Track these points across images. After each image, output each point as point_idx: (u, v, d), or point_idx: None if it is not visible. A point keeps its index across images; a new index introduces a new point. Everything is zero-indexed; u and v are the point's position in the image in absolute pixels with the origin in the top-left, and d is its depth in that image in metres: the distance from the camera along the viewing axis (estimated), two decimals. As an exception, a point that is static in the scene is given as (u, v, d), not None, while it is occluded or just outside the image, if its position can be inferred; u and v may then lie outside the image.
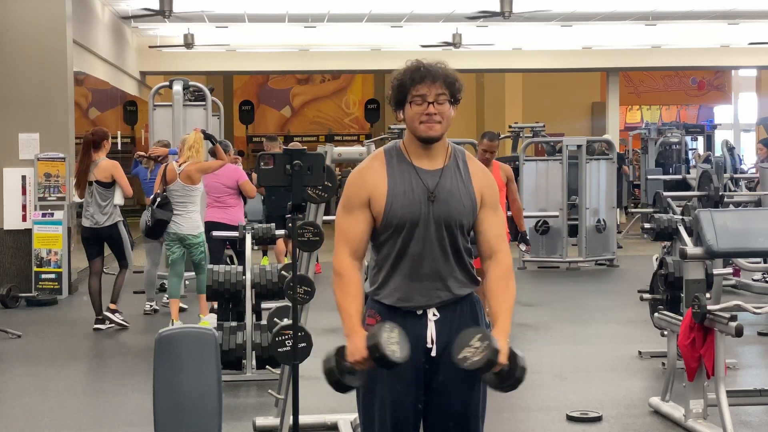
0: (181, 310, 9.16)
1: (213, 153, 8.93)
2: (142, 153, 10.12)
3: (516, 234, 8.61)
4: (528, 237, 8.33)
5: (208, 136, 8.91)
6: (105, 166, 8.74)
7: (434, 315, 3.21)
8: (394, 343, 3.03)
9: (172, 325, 8.22)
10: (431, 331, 3.20)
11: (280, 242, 10.28)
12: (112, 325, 8.86)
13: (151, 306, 9.59)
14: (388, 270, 3.23)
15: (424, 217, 3.18)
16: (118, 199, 8.77)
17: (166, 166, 8.64)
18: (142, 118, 16.65)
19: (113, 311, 8.96)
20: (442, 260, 3.21)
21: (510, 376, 3.14)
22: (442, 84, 3.17)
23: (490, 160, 7.89)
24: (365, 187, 3.21)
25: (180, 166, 8.51)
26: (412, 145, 3.23)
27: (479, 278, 3.31)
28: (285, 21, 17.84)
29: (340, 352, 3.12)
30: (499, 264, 3.25)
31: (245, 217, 9.79)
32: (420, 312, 3.21)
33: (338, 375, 3.11)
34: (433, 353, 3.19)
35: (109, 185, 8.70)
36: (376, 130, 23.25)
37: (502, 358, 3.08)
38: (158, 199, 8.36)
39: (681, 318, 5.63)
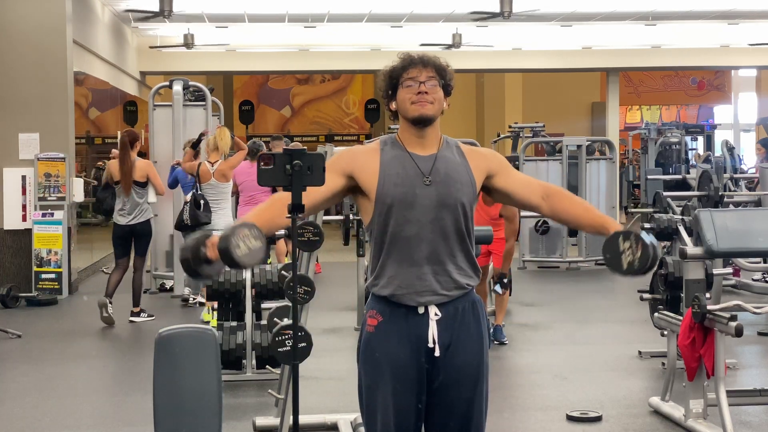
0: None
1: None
2: (179, 161, 10.59)
3: (516, 234, 8.43)
4: (507, 281, 7.64)
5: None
6: (140, 166, 9.19)
7: (436, 314, 3.19)
8: (244, 241, 2.94)
9: (205, 309, 8.64)
10: (433, 330, 3.18)
11: (281, 242, 10.34)
12: (111, 313, 8.96)
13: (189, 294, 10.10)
14: (384, 256, 3.19)
15: (419, 199, 3.16)
16: (152, 197, 9.21)
17: (200, 166, 9.10)
18: (142, 118, 16.64)
19: (138, 313, 9.24)
20: (441, 242, 3.17)
21: (647, 257, 3.08)
22: (433, 69, 3.21)
23: None
24: (352, 161, 3.22)
25: (213, 165, 9.07)
26: (406, 133, 3.24)
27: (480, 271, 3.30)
28: (285, 21, 17.83)
29: (204, 236, 3.04)
30: (556, 194, 3.26)
31: None
32: (422, 310, 3.19)
33: (189, 255, 3.00)
34: (437, 353, 3.17)
35: (144, 184, 9.13)
36: (376, 130, 23.23)
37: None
38: (202, 202, 8.93)
39: (681, 318, 5.63)
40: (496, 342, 7.89)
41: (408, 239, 3.16)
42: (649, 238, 3.09)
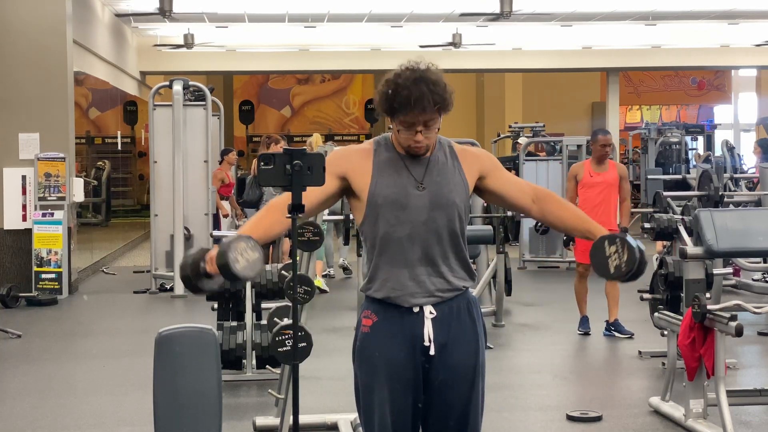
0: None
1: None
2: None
3: (516, 234, 9.02)
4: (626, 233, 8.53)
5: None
6: None
7: (431, 313, 3.18)
8: (242, 254, 2.95)
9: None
10: (428, 329, 3.18)
11: (287, 241, 10.43)
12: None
13: (328, 271, 11.58)
14: (377, 258, 3.19)
15: (412, 201, 3.14)
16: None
17: None
18: (142, 118, 16.65)
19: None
20: (434, 243, 3.16)
21: (634, 261, 3.09)
22: (432, 110, 3.10)
23: (608, 155, 8.33)
24: (345, 162, 3.20)
25: None
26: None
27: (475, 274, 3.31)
28: (285, 21, 17.83)
29: (204, 251, 3.04)
30: (547, 197, 3.26)
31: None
32: (417, 310, 3.18)
33: (189, 272, 3.01)
34: (432, 352, 3.17)
35: None
36: (376, 130, 23.25)
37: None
38: None
39: (681, 318, 5.63)
40: (622, 336, 8.10)
41: (400, 240, 3.15)
42: (635, 242, 3.09)
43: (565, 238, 8.37)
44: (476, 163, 3.25)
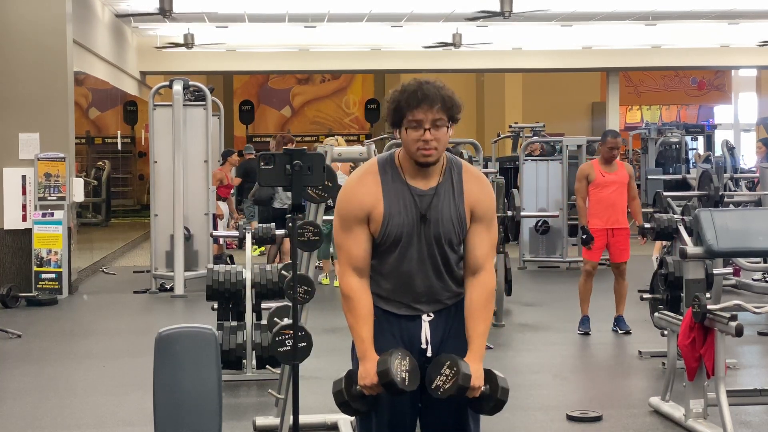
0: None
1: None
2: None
3: (516, 234, 9.07)
4: (646, 231, 8.50)
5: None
6: None
7: (428, 316, 3.24)
8: (404, 370, 3.06)
9: (323, 273, 11.18)
10: (425, 331, 3.23)
11: (287, 241, 10.49)
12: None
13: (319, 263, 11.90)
14: (381, 282, 3.25)
15: (416, 237, 3.19)
16: None
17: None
18: (142, 118, 16.64)
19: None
20: (435, 277, 3.23)
21: (492, 398, 3.17)
22: (440, 109, 3.11)
23: (616, 157, 8.33)
24: (362, 204, 3.18)
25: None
26: (407, 162, 3.20)
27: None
28: (285, 21, 17.84)
29: (351, 375, 3.17)
30: (480, 284, 3.23)
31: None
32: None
33: (346, 398, 3.15)
34: (429, 353, 3.21)
35: None
36: (376, 130, 23.24)
37: (475, 382, 3.10)
38: None
39: (681, 318, 5.63)
40: (621, 332, 8.19)
41: (406, 273, 3.22)
42: (467, 384, 3.08)
43: (584, 237, 8.31)
44: (473, 204, 3.22)
